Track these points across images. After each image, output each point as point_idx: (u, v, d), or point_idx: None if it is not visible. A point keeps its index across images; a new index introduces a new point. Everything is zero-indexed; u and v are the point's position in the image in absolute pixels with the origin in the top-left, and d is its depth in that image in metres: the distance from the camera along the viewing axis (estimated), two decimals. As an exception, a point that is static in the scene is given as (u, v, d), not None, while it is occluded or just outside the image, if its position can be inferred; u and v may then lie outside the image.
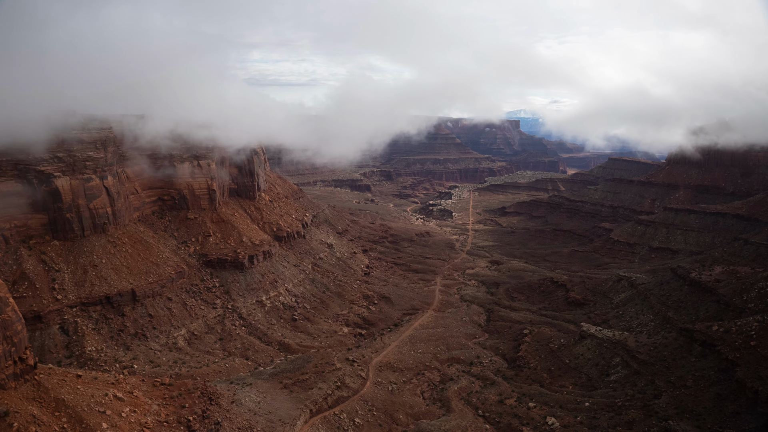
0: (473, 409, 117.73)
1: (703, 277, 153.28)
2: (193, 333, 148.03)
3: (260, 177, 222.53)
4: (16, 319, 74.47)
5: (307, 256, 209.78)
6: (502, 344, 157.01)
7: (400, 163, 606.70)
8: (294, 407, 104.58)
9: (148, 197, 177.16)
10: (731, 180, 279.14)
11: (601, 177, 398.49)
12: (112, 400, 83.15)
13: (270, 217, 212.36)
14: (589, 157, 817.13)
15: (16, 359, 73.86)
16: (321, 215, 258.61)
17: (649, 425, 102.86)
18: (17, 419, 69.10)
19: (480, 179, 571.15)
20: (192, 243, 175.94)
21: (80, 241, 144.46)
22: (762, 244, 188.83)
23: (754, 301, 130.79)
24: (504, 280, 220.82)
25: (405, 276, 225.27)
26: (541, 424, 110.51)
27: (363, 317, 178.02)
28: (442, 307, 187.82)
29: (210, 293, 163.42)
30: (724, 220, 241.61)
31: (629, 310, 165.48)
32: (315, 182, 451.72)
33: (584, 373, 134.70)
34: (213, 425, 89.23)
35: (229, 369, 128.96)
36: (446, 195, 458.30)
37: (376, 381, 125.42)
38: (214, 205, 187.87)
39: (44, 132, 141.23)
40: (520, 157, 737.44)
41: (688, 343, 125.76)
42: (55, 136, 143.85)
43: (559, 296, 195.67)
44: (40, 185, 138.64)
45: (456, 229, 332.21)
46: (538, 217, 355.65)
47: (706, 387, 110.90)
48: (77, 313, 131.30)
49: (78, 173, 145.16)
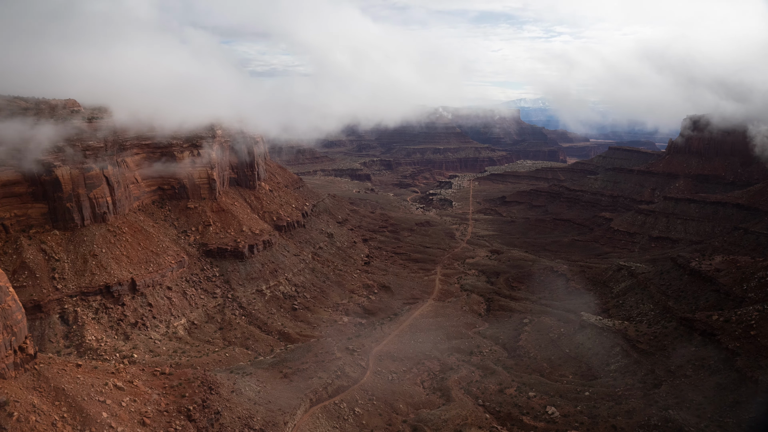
0: (473, 399, 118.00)
1: (703, 266, 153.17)
2: (193, 322, 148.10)
3: (260, 166, 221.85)
4: (16, 309, 74.35)
5: (307, 245, 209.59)
6: (502, 333, 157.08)
7: (400, 153, 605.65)
8: (294, 396, 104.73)
9: (148, 186, 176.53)
10: (731, 169, 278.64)
11: (601, 166, 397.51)
12: (112, 390, 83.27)
13: (270, 206, 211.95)
14: (589, 147, 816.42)
15: (16, 349, 73.84)
16: (321, 205, 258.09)
17: (649, 414, 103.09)
18: (17, 408, 69.13)
19: (480, 169, 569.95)
20: (192, 232, 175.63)
21: (80, 230, 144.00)
22: (762, 234, 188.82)
23: (754, 291, 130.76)
24: (504, 269, 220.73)
25: (405, 265, 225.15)
26: (541, 414, 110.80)
27: (363, 306, 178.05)
28: (442, 296, 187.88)
29: (210, 283, 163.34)
30: (724, 209, 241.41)
31: (629, 300, 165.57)
32: (315, 172, 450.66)
33: (584, 363, 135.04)
34: (213, 414, 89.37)
35: (229, 358, 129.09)
36: (446, 184, 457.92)
37: (376, 370, 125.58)
38: (214, 194, 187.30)
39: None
40: (520, 147, 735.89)
41: (688, 333, 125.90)
42: (56, 124, 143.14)
43: (559, 286, 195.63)
44: (40, 174, 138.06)
45: (456, 219, 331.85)
46: (538, 207, 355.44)
47: (706, 376, 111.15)
48: (77, 302, 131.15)
49: (78, 162, 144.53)
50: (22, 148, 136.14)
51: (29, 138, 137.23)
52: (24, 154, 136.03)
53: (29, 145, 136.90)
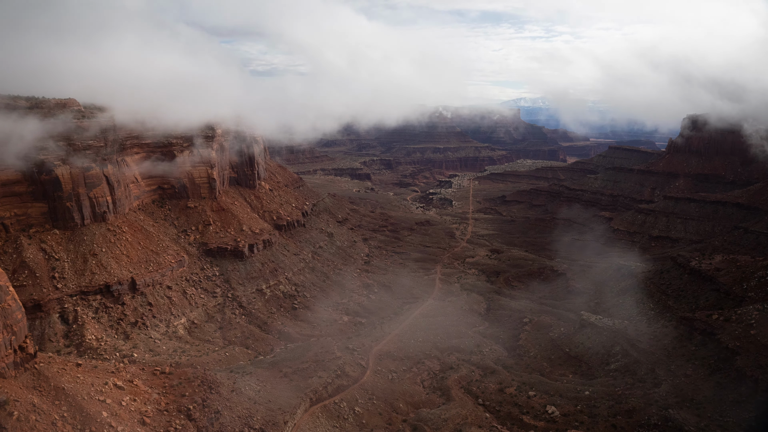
0: (473, 398, 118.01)
1: (703, 265, 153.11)
2: (193, 322, 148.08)
3: (260, 166, 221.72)
4: (16, 308, 74.33)
5: (307, 244, 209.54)
6: (502, 333, 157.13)
7: (400, 152, 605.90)
8: (294, 396, 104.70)
9: (147, 186, 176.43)
10: (731, 169, 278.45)
11: (601, 166, 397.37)
12: (112, 389, 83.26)
13: (270, 205, 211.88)
14: (589, 146, 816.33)
15: (16, 348, 73.82)
16: (321, 204, 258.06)
17: (649, 414, 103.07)
18: (17, 408, 69.13)
19: (480, 168, 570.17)
20: (192, 232, 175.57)
21: (80, 229, 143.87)
22: (762, 233, 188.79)
23: (754, 290, 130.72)
24: (504, 268, 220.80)
25: (405, 265, 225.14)
26: (542, 413, 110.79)
27: (363, 306, 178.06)
28: (442, 295, 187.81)
29: (210, 282, 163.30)
30: (724, 208, 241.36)
31: (629, 299, 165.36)
32: (315, 171, 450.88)
33: (584, 362, 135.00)
34: (213, 414, 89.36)
35: (229, 358, 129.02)
36: (446, 184, 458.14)
37: (376, 370, 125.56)
38: (214, 193, 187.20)
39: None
40: (520, 146, 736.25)
41: (688, 332, 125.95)
42: (56, 123, 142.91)
43: (559, 285, 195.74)
44: (40, 174, 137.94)
45: (456, 218, 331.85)
46: (538, 206, 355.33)
47: (706, 375, 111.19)
48: (77, 301, 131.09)
49: (78, 162, 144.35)
50: (21, 148, 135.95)
51: (29, 137, 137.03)
52: (23, 153, 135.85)
53: (29, 145, 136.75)
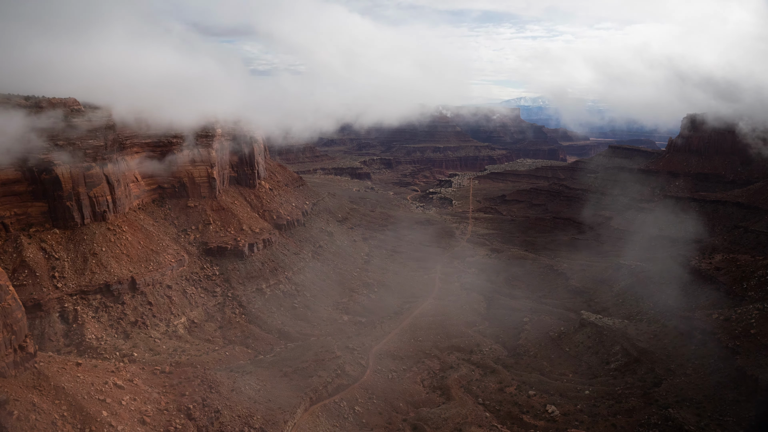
0: (473, 397, 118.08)
1: (703, 265, 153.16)
2: (193, 321, 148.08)
3: (260, 165, 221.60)
4: (16, 307, 74.34)
5: (307, 244, 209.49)
6: (502, 332, 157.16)
7: (400, 151, 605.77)
8: (294, 395, 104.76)
9: (147, 185, 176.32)
10: (731, 168, 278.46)
11: (601, 165, 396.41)
12: (112, 388, 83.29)
13: (270, 205, 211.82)
14: (589, 145, 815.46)
15: (16, 347, 73.83)
16: (321, 203, 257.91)
17: (649, 413, 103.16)
18: (17, 407, 69.15)
19: (480, 167, 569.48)
20: (192, 231, 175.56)
21: (80, 229, 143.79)
22: (762, 232, 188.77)
23: (754, 289, 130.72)
24: (504, 268, 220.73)
25: (405, 264, 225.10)
26: (541, 412, 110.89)
27: (363, 305, 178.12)
28: (442, 295, 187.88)
29: (210, 281, 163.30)
30: (724, 208, 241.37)
31: (629, 298, 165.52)
32: (315, 170, 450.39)
33: (584, 361, 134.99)
34: (213, 413, 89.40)
35: (229, 357, 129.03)
36: (446, 183, 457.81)
37: (376, 369, 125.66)
38: (214, 193, 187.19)
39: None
40: (520, 145, 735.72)
41: (688, 331, 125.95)
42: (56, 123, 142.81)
43: (560, 284, 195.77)
44: (40, 173, 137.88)
45: (456, 217, 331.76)
46: (538, 205, 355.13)
47: (706, 375, 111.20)
48: (77, 301, 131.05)
49: (78, 161, 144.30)
50: (21, 147, 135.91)
51: (29, 136, 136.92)
52: (23, 152, 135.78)
53: (29, 144, 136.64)
